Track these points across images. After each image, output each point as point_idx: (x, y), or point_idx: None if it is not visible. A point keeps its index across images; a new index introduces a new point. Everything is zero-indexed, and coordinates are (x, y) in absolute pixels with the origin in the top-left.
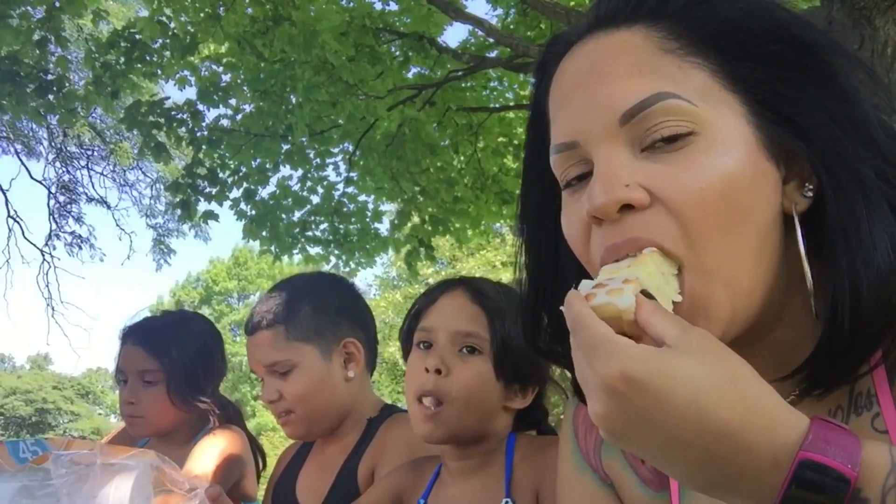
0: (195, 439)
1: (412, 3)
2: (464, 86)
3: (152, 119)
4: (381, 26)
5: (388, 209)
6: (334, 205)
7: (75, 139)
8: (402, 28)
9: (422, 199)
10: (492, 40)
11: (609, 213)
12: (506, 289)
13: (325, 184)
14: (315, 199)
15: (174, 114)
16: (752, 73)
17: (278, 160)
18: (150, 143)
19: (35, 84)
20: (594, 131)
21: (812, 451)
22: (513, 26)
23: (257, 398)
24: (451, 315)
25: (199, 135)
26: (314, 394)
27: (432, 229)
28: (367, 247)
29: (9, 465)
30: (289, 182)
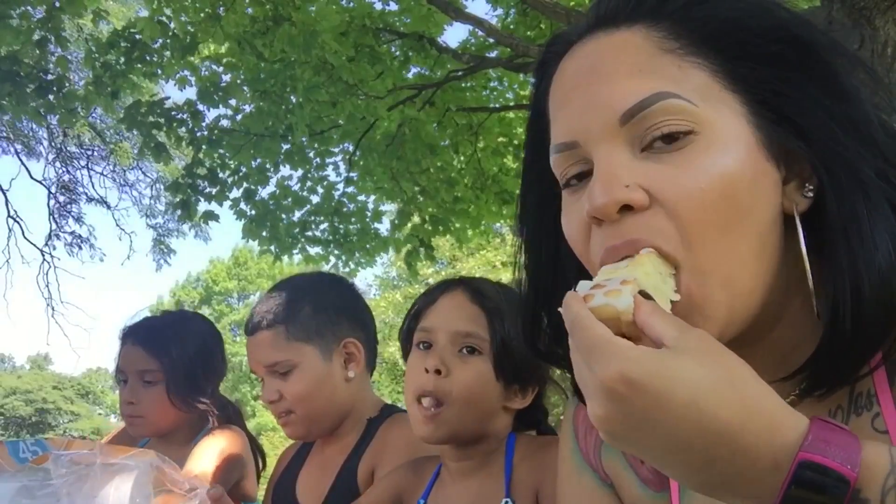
0: (195, 439)
1: (412, 3)
2: (464, 86)
3: (152, 119)
4: (381, 26)
5: (389, 209)
6: (334, 205)
7: (75, 139)
8: (402, 28)
9: (422, 198)
10: (492, 40)
11: (609, 214)
12: (505, 289)
13: (325, 184)
14: (315, 199)
15: (174, 114)
16: (753, 72)
17: (278, 160)
18: (150, 143)
19: (35, 84)
20: (594, 131)
21: (812, 451)
22: (513, 26)
23: (257, 398)
24: (451, 315)
25: (199, 135)
26: (314, 394)
27: (432, 229)
28: (367, 247)
29: (9, 465)
30: (289, 182)
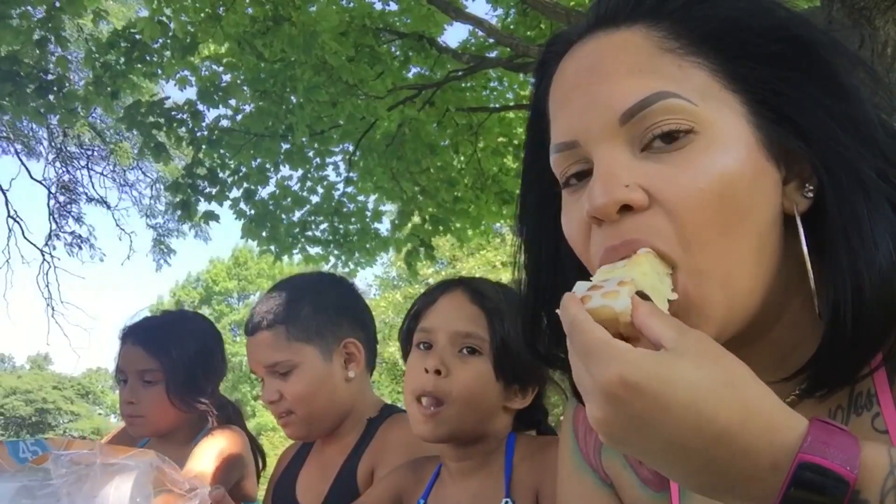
0: (195, 439)
1: (412, 3)
2: (464, 86)
3: (152, 119)
4: (381, 26)
5: (389, 209)
6: (334, 205)
7: (75, 139)
8: (402, 28)
9: (422, 198)
10: (492, 40)
11: (609, 214)
12: (505, 289)
13: (325, 184)
14: (315, 200)
15: (174, 114)
16: (753, 72)
17: (278, 160)
18: (150, 144)
19: (35, 84)
20: (594, 131)
21: (811, 453)
22: (513, 26)
23: (257, 398)
24: (451, 316)
25: (199, 135)
26: (315, 394)
27: (432, 229)
28: (367, 246)
29: (9, 465)
30: (289, 182)
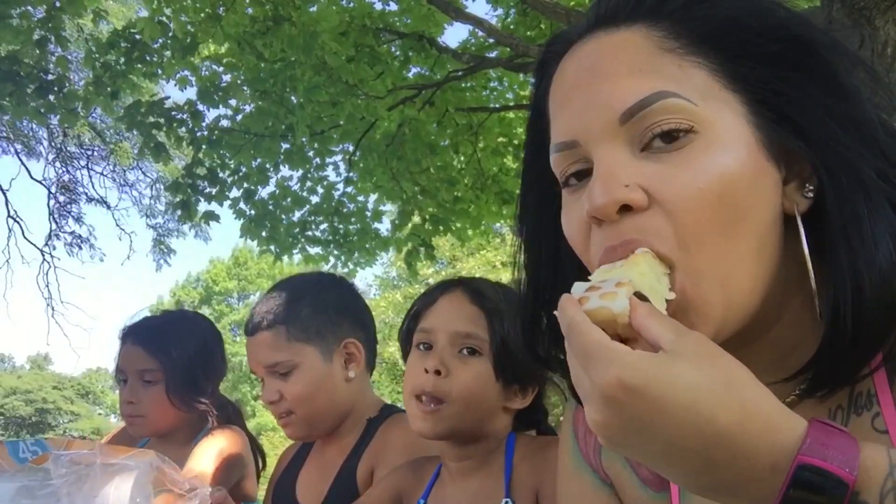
0: (195, 439)
1: (412, 3)
2: (464, 86)
3: (152, 119)
4: (381, 26)
5: (389, 209)
6: (334, 205)
7: (75, 139)
8: (402, 28)
9: (422, 198)
10: (492, 40)
11: (608, 214)
12: (505, 289)
13: (325, 184)
14: (315, 200)
15: (174, 114)
16: (753, 72)
17: (278, 160)
18: (150, 144)
19: (36, 84)
20: (594, 130)
21: (810, 454)
22: (513, 26)
23: (257, 398)
24: (451, 316)
25: (199, 135)
26: (315, 394)
27: (433, 229)
28: (367, 246)
29: (9, 465)
30: (288, 182)
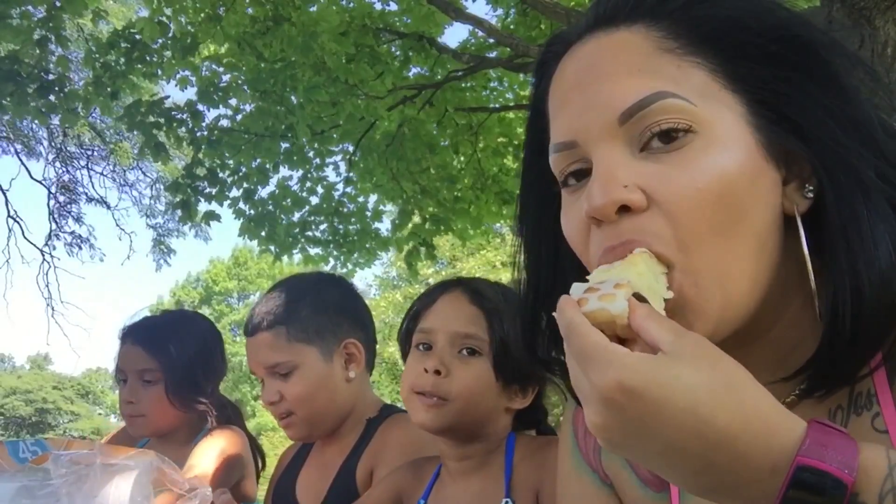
0: (195, 439)
1: (412, 3)
2: (464, 86)
3: (152, 119)
4: (381, 26)
5: (389, 209)
6: (334, 205)
7: (75, 139)
8: (402, 28)
9: (422, 198)
10: (492, 40)
11: (607, 215)
12: (504, 289)
13: (325, 184)
14: (314, 200)
15: (174, 114)
16: (752, 72)
17: (278, 160)
18: (151, 143)
19: (36, 84)
20: (593, 131)
21: (809, 455)
22: (513, 26)
23: (257, 398)
24: (450, 316)
25: (199, 135)
26: (315, 395)
27: (433, 228)
28: (367, 246)
29: (9, 465)
30: (288, 182)
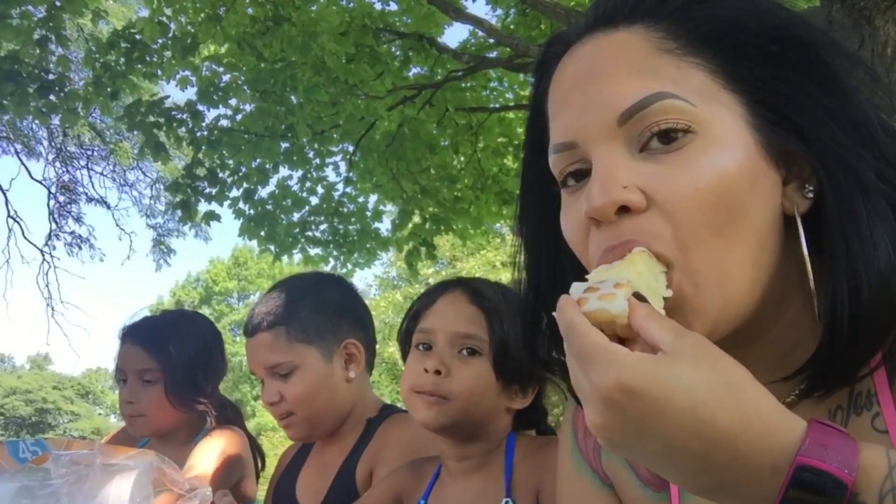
0: (195, 439)
1: (412, 3)
2: (464, 86)
3: (152, 119)
4: (381, 26)
5: (389, 209)
6: (334, 205)
7: (75, 139)
8: (402, 28)
9: (422, 197)
10: (492, 40)
11: (607, 216)
12: (504, 289)
13: (325, 184)
14: (314, 200)
15: (174, 114)
16: (752, 72)
17: (278, 160)
18: (151, 143)
19: (37, 84)
20: (593, 131)
21: (809, 455)
22: (513, 26)
23: (257, 398)
24: (450, 316)
25: (198, 135)
26: (315, 395)
27: (434, 228)
28: (368, 246)
29: (9, 465)
30: (288, 182)
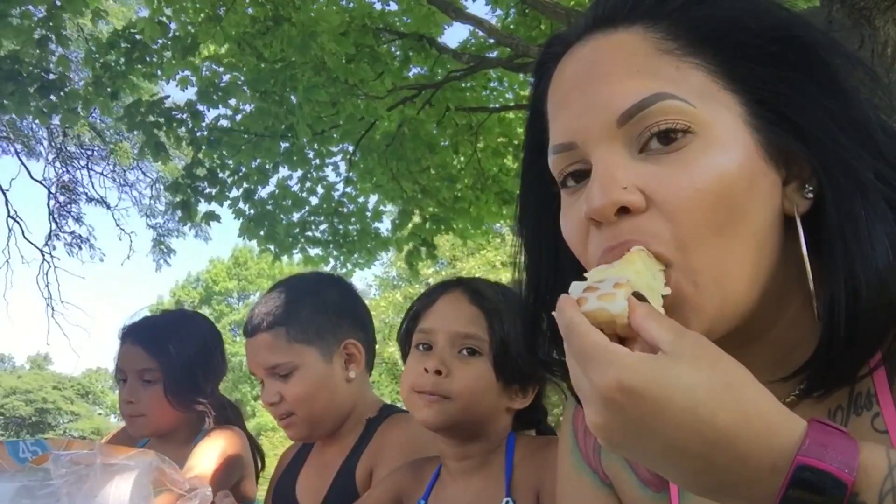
0: (195, 440)
1: (412, 3)
2: (464, 86)
3: (152, 119)
4: (381, 26)
5: (389, 209)
6: (334, 205)
7: (75, 139)
8: (402, 28)
9: (422, 197)
10: (492, 40)
11: (607, 216)
12: (504, 289)
13: (325, 184)
14: (314, 200)
15: (174, 114)
16: (752, 73)
17: (278, 160)
18: (151, 143)
19: (37, 84)
20: (592, 132)
21: (809, 455)
22: (513, 26)
23: (257, 398)
24: (450, 316)
25: (198, 135)
26: (315, 396)
27: (434, 228)
28: (368, 246)
29: (9, 465)
30: (288, 182)
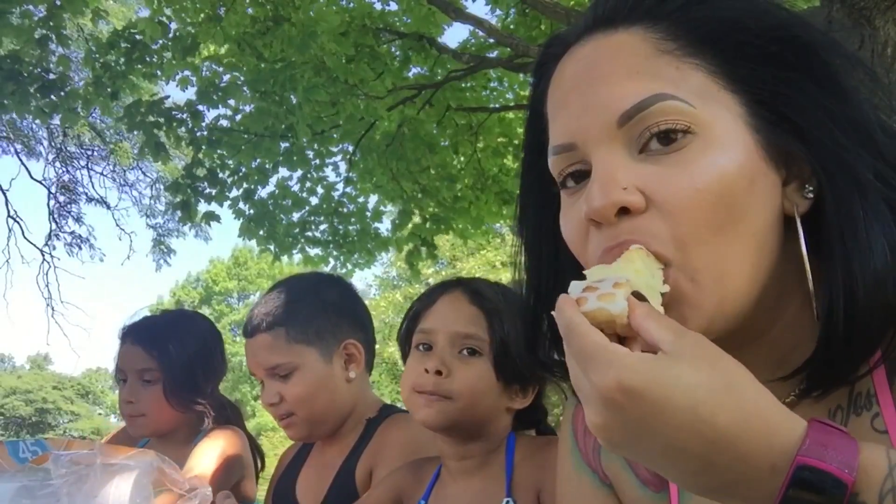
0: (195, 440)
1: (412, 3)
2: (464, 86)
3: (152, 119)
4: (381, 26)
5: (389, 209)
6: (334, 205)
7: (75, 139)
8: (402, 28)
9: (422, 197)
10: (492, 40)
11: (607, 217)
12: (504, 289)
13: (325, 184)
14: (314, 200)
15: (174, 114)
16: (752, 73)
17: (278, 160)
18: (151, 143)
19: (37, 83)
20: (592, 133)
21: (809, 455)
22: (513, 26)
23: (257, 398)
24: (450, 317)
25: (199, 135)
26: (315, 396)
27: (434, 228)
28: (368, 246)
29: (9, 465)
30: (288, 182)
